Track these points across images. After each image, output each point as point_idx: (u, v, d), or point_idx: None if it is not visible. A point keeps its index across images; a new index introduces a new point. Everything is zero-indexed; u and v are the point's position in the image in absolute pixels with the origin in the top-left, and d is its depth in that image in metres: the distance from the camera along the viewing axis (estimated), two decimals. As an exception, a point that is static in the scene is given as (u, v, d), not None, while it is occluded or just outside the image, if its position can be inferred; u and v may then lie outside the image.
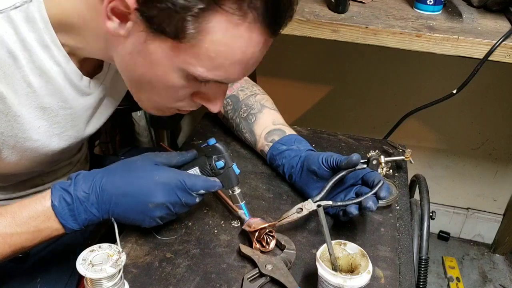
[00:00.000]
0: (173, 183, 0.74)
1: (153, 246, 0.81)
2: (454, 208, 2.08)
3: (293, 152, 0.93)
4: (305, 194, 0.90)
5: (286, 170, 0.94)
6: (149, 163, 0.77)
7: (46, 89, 0.71)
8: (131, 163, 0.77)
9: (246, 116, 1.02)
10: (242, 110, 1.03)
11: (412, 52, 1.11)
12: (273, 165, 0.98)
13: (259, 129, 1.00)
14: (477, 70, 1.11)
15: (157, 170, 0.75)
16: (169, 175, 0.75)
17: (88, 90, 0.78)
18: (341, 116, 1.92)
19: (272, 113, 1.03)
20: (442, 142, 1.91)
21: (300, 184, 0.91)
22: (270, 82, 1.92)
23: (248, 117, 1.02)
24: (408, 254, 0.83)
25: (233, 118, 1.05)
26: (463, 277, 1.95)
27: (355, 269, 0.69)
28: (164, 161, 0.78)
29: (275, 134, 0.98)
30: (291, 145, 0.94)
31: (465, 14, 1.19)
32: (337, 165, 0.83)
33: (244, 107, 1.03)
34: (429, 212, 0.97)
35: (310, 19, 1.12)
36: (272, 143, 0.97)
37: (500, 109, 1.77)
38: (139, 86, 0.72)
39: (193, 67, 0.63)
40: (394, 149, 1.07)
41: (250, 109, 1.02)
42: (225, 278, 0.76)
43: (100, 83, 0.81)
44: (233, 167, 0.80)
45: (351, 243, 0.71)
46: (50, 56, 0.69)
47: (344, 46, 1.22)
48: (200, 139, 1.10)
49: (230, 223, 0.87)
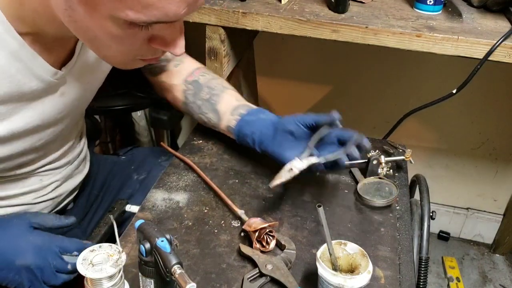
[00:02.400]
0: (45, 246, 0.75)
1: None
2: (454, 208, 2.08)
3: (263, 121, 0.93)
4: (280, 157, 0.88)
5: (257, 136, 0.92)
6: (25, 223, 0.78)
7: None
8: (7, 221, 0.78)
9: (209, 98, 1.01)
10: (204, 92, 1.02)
11: (412, 52, 1.11)
12: (242, 136, 0.95)
13: (223, 107, 0.99)
14: (477, 70, 1.11)
15: (31, 231, 0.77)
16: (43, 238, 0.77)
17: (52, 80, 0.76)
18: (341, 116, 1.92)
19: (235, 94, 1.03)
20: (442, 142, 1.91)
21: (273, 148, 0.90)
22: (270, 82, 1.93)
23: (212, 98, 1.01)
24: (408, 254, 0.83)
25: (194, 101, 1.02)
26: (463, 277, 1.95)
27: (355, 269, 0.69)
28: (40, 222, 0.80)
29: (241, 109, 0.97)
30: (260, 115, 0.95)
31: (465, 14, 1.19)
32: (315, 123, 0.85)
33: (206, 89, 1.02)
34: (429, 212, 0.97)
35: (310, 19, 1.12)
36: (240, 116, 0.96)
37: (500, 109, 1.78)
38: (93, 43, 0.69)
39: (121, 12, 0.59)
40: (394, 149, 1.07)
41: (212, 90, 1.02)
42: (225, 278, 0.76)
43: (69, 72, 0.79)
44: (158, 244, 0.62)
45: (351, 243, 0.71)
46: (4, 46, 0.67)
47: (344, 46, 1.22)
48: (201, 139, 1.10)
49: (230, 223, 0.87)
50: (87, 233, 1.05)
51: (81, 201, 1.08)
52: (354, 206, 0.92)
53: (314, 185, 0.97)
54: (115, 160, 1.20)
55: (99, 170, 1.14)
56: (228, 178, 0.98)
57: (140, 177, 1.14)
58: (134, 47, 0.67)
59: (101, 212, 1.09)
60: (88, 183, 1.11)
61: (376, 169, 0.96)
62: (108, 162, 1.18)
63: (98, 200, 1.11)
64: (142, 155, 1.20)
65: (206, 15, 1.16)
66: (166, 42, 0.68)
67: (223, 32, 1.19)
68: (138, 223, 0.65)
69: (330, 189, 0.97)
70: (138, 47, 0.68)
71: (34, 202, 0.91)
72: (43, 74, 0.74)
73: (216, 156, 1.05)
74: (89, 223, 1.07)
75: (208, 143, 1.09)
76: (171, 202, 0.91)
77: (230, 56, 1.28)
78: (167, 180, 0.97)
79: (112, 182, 1.13)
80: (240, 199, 0.92)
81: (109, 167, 1.16)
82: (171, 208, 0.90)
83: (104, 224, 0.89)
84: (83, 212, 1.08)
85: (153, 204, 0.91)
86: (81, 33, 0.67)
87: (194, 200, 0.92)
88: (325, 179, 0.99)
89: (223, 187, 0.95)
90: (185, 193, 0.94)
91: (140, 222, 0.65)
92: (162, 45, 0.68)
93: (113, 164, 1.17)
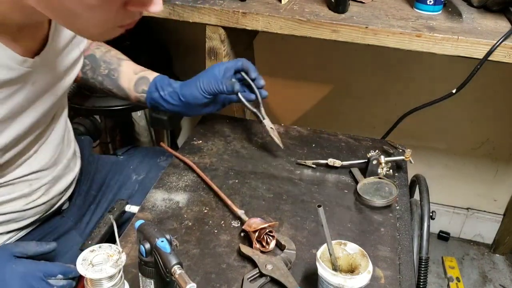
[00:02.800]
0: (29, 273, 0.76)
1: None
2: (454, 208, 2.08)
3: (169, 94, 1.02)
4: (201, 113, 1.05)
5: (171, 108, 1.03)
6: (7, 254, 0.78)
7: None
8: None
9: (107, 73, 1.05)
10: (102, 68, 1.05)
11: (412, 52, 1.11)
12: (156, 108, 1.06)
13: (125, 82, 1.05)
14: (477, 70, 1.11)
15: (14, 261, 0.77)
16: (26, 265, 0.77)
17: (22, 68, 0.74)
18: (340, 116, 1.92)
19: (130, 64, 1.07)
20: (442, 142, 1.91)
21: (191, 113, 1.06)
22: (270, 82, 1.92)
23: (110, 74, 1.05)
24: (408, 254, 0.83)
25: (94, 77, 1.06)
26: (463, 277, 1.95)
27: (355, 269, 0.69)
28: (22, 250, 0.80)
29: (141, 84, 1.04)
30: (162, 88, 1.02)
31: (465, 14, 1.19)
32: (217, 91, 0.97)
33: (103, 64, 1.05)
34: (429, 212, 0.97)
35: (310, 19, 1.12)
36: (144, 93, 1.04)
37: (500, 109, 1.77)
38: (68, 19, 0.67)
39: None
40: (394, 149, 1.07)
41: (109, 65, 1.05)
42: (225, 278, 0.76)
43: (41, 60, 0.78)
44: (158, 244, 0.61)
45: (351, 243, 0.71)
46: None
47: (344, 46, 1.22)
48: (200, 139, 1.10)
49: (230, 223, 0.87)
50: (85, 233, 1.05)
51: (78, 201, 1.08)
52: (354, 206, 0.92)
53: (314, 185, 0.97)
54: (113, 160, 1.19)
55: (97, 170, 1.14)
56: (228, 178, 0.98)
57: (139, 177, 1.14)
58: (111, 15, 0.65)
59: (100, 212, 1.09)
60: (85, 183, 1.10)
61: (376, 169, 0.96)
62: (107, 162, 1.17)
63: (96, 201, 1.10)
64: (140, 155, 1.20)
65: (206, 15, 1.16)
66: (143, 2, 0.66)
67: (223, 32, 1.19)
68: (138, 223, 0.65)
69: (330, 189, 0.97)
70: (115, 14, 0.65)
71: (25, 209, 0.89)
72: (10, 63, 0.71)
73: (216, 156, 1.05)
74: (88, 224, 1.07)
75: (208, 143, 1.09)
76: (171, 202, 0.91)
77: (230, 56, 1.28)
78: (167, 180, 0.97)
79: (111, 183, 1.13)
80: (240, 199, 0.92)
81: (108, 167, 1.16)
82: (171, 208, 0.90)
83: (104, 225, 0.88)
84: (80, 212, 1.07)
85: (153, 204, 0.91)
86: (54, 11, 0.65)
87: (194, 200, 0.92)
88: (325, 179, 0.99)
89: (223, 187, 0.95)
90: (185, 193, 0.94)
91: (140, 222, 0.65)
92: (139, 6, 0.66)
93: (112, 164, 1.17)
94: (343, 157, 1.04)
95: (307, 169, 1.02)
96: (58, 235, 1.00)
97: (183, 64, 1.87)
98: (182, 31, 1.80)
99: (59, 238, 1.00)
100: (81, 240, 1.03)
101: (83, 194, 1.09)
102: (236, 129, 1.15)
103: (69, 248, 1.00)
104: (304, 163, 1.02)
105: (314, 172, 1.01)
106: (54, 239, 0.99)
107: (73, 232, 1.04)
